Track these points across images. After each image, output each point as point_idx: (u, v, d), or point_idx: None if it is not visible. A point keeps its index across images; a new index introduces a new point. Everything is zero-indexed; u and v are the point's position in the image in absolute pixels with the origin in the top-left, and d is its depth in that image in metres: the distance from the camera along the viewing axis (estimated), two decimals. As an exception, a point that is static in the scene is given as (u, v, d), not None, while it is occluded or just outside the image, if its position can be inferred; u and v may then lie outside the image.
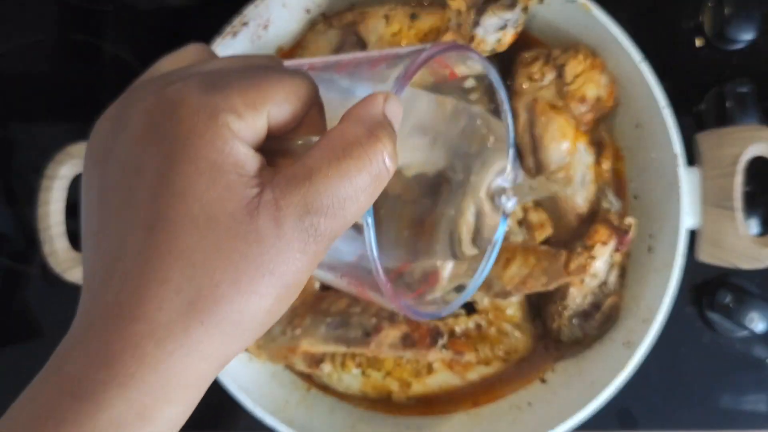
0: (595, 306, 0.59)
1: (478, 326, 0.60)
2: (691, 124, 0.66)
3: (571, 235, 0.59)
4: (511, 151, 0.41)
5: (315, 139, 0.29)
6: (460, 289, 0.40)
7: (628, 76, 0.58)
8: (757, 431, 0.66)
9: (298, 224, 0.26)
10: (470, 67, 0.38)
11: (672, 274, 0.55)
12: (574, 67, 0.57)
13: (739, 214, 0.56)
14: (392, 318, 0.54)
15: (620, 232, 0.54)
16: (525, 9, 0.53)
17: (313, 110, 0.29)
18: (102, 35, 0.69)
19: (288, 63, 0.35)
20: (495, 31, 0.53)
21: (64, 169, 0.56)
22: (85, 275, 0.28)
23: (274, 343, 0.57)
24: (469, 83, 0.59)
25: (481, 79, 0.58)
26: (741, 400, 0.66)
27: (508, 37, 0.54)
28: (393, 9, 0.58)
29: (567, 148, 0.58)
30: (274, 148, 0.28)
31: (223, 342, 0.26)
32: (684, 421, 0.65)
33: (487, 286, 0.56)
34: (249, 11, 0.57)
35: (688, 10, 0.68)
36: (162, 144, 0.26)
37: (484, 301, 0.60)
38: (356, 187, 0.26)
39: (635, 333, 0.57)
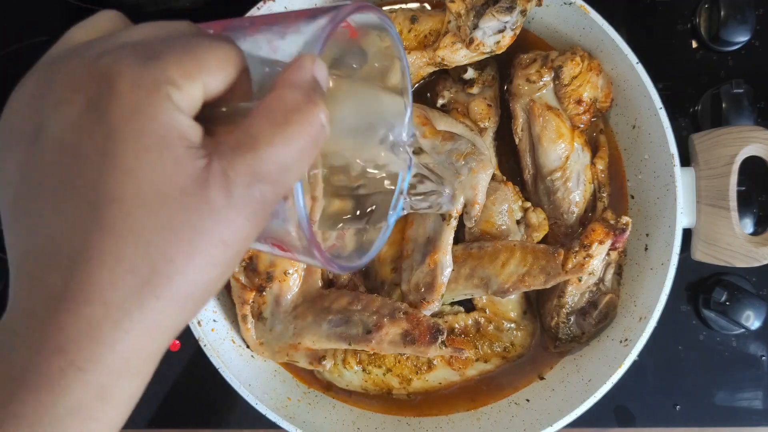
0: (592, 304, 0.60)
1: (477, 324, 0.61)
2: (687, 125, 0.67)
3: (569, 234, 0.60)
4: (408, 103, 0.41)
5: (247, 104, 0.29)
6: (365, 244, 0.40)
7: (624, 77, 0.59)
8: (752, 428, 0.66)
9: (247, 192, 0.26)
10: (371, 23, 0.38)
11: (668, 273, 0.56)
12: (572, 69, 0.58)
13: (734, 213, 0.57)
14: (393, 315, 0.55)
15: (617, 230, 0.54)
16: (523, 12, 0.54)
17: (241, 75, 0.29)
18: (106, 37, 0.70)
19: (202, 26, 0.35)
20: (494, 34, 0.54)
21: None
22: (15, 259, 0.26)
23: (276, 341, 0.58)
24: (469, 74, 0.60)
25: (481, 67, 0.57)
26: (737, 397, 0.66)
27: (507, 39, 0.55)
28: (393, 12, 0.59)
29: (564, 149, 0.58)
30: (206, 116, 0.28)
31: (178, 314, 0.26)
32: (680, 417, 0.66)
33: (485, 284, 0.56)
34: (252, 14, 0.57)
35: (684, 12, 0.68)
36: (103, 121, 0.25)
37: (482, 299, 0.61)
38: (299, 152, 0.27)
39: (632, 331, 0.57)
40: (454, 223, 0.56)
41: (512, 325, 0.61)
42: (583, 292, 0.59)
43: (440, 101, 0.61)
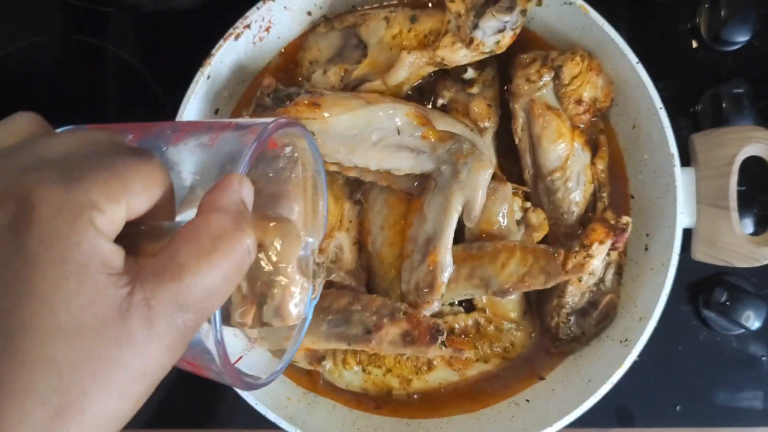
0: (593, 304, 0.60)
1: (477, 324, 0.61)
2: (687, 125, 0.67)
3: (569, 234, 0.59)
4: (324, 217, 0.41)
5: (170, 223, 0.29)
6: (278, 354, 0.40)
7: (624, 77, 0.58)
8: (752, 428, 0.66)
9: (169, 322, 0.25)
10: (292, 139, 0.39)
11: (668, 273, 0.56)
12: (572, 68, 0.58)
13: (734, 213, 0.57)
14: (392, 316, 0.54)
15: (617, 230, 0.54)
16: (523, 11, 0.54)
17: (165, 194, 0.29)
18: (105, 37, 0.70)
19: (122, 126, 0.34)
20: (493, 34, 0.54)
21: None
22: None
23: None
24: (469, 74, 0.60)
25: (481, 67, 0.57)
26: (737, 397, 0.66)
27: (507, 39, 0.55)
28: (393, 11, 0.59)
29: (564, 149, 0.58)
30: (128, 232, 0.27)
31: None
32: (680, 417, 0.66)
33: (485, 284, 0.56)
34: (251, 13, 0.57)
35: (685, 12, 0.68)
36: (21, 246, 0.24)
37: (482, 299, 0.61)
38: (224, 279, 0.27)
39: (632, 331, 0.57)
40: (454, 223, 0.55)
41: (512, 325, 0.61)
42: (584, 293, 0.59)
43: (440, 101, 0.61)
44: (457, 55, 0.55)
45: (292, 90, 0.57)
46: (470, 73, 0.60)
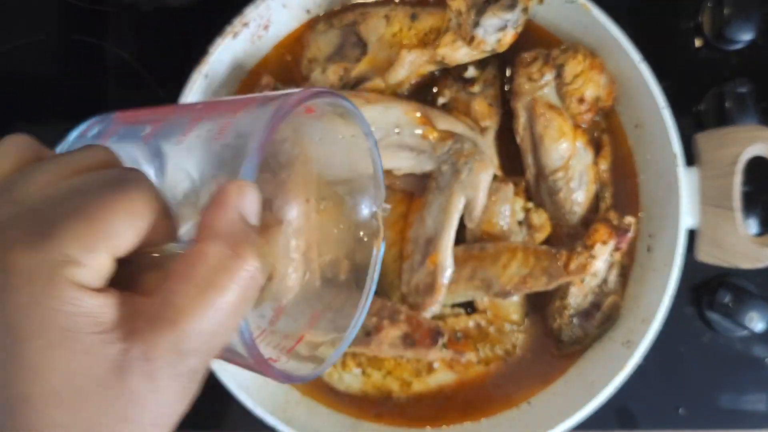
0: (596, 305, 0.59)
1: (478, 326, 0.60)
2: (691, 125, 0.66)
3: (571, 235, 0.59)
4: (379, 184, 0.37)
5: (174, 245, 0.26)
6: (335, 341, 0.36)
7: (627, 76, 0.58)
8: (756, 430, 0.66)
9: (172, 372, 0.24)
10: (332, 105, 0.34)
11: (671, 274, 0.55)
12: (574, 67, 0.57)
13: (738, 213, 0.56)
14: (393, 318, 0.54)
15: (620, 231, 0.54)
16: (525, 10, 0.53)
17: (161, 217, 0.26)
18: (104, 35, 0.69)
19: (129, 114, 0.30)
20: (495, 32, 0.53)
21: (66, 169, 0.56)
22: None
23: (274, 343, 0.57)
24: (470, 73, 0.60)
25: (482, 66, 0.55)
26: (740, 400, 0.65)
27: (508, 37, 0.54)
28: (393, 9, 0.58)
29: (566, 148, 0.58)
30: (133, 260, 0.25)
31: None
32: (683, 420, 0.65)
33: (487, 285, 0.56)
34: (249, 12, 0.57)
35: (688, 10, 0.68)
36: (3, 317, 0.23)
37: (484, 301, 0.60)
38: (226, 314, 0.24)
39: (635, 332, 0.57)
40: (455, 223, 0.55)
41: (514, 327, 0.60)
42: (586, 294, 0.59)
43: (441, 100, 0.60)
44: (458, 53, 0.55)
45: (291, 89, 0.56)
46: (471, 72, 0.59)
